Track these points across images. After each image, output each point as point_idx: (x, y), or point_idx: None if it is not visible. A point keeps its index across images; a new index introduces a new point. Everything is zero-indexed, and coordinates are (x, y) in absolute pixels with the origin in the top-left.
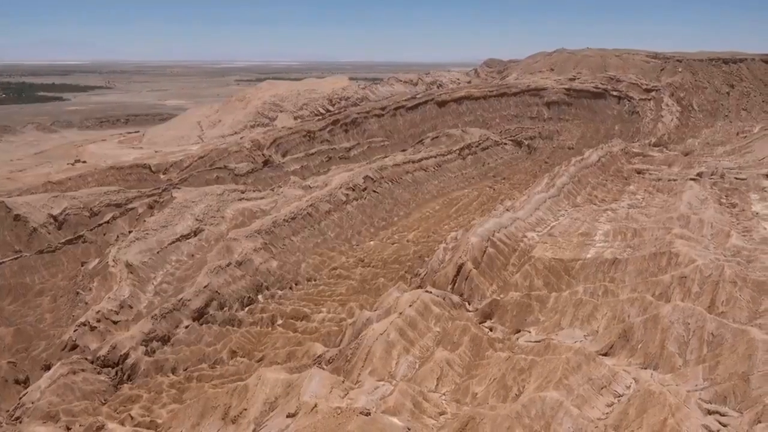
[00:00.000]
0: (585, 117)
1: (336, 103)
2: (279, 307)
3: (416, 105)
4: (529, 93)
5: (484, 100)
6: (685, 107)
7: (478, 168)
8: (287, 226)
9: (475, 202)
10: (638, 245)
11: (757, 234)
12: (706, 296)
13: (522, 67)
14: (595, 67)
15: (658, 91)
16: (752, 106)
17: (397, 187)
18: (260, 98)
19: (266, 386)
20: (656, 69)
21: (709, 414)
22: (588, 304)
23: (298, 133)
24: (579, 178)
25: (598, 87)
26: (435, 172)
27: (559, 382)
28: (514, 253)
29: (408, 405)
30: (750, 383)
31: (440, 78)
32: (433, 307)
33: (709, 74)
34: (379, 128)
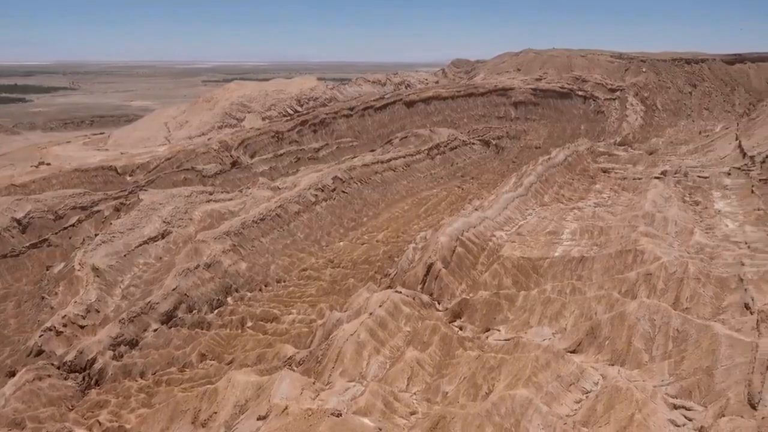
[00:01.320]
0: (551, 117)
1: (304, 104)
2: (249, 309)
3: (385, 105)
4: (497, 93)
5: (452, 100)
6: (649, 107)
7: (447, 168)
8: (256, 228)
9: (443, 201)
10: (605, 243)
11: (720, 231)
12: (671, 293)
13: (489, 68)
14: (561, 67)
15: (623, 91)
16: (714, 106)
17: (366, 188)
18: (228, 99)
19: (236, 389)
20: (621, 69)
21: (675, 409)
22: (556, 302)
23: (267, 134)
24: (546, 177)
25: (564, 87)
26: (404, 172)
27: (529, 380)
28: (483, 252)
29: (379, 405)
30: (714, 377)
31: (408, 78)
32: (403, 307)
33: (672, 74)
34: (347, 128)
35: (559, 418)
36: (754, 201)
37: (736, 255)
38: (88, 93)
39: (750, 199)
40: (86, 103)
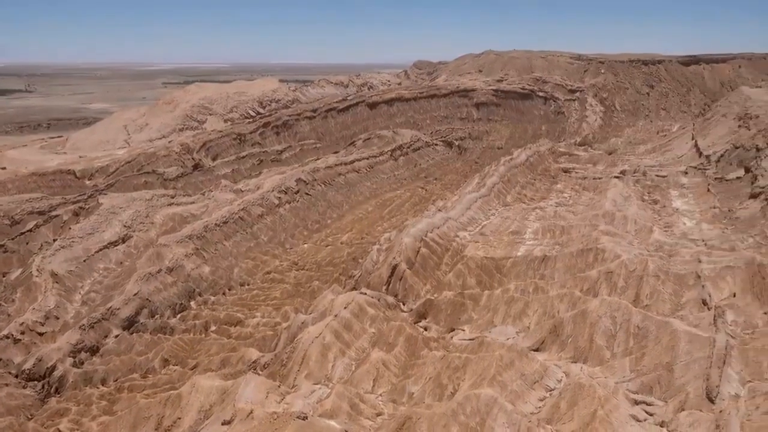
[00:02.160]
0: (513, 117)
1: (266, 106)
2: (212, 313)
3: (347, 107)
4: (459, 94)
5: (415, 101)
6: (608, 107)
7: (410, 169)
8: (219, 231)
9: (407, 202)
10: (566, 242)
11: (678, 229)
12: (631, 290)
13: (451, 69)
14: (522, 68)
15: (582, 92)
16: (671, 106)
17: (330, 190)
18: (189, 101)
19: (200, 394)
20: (580, 70)
21: (636, 404)
22: (519, 301)
23: (229, 136)
24: (508, 177)
25: (525, 88)
26: (367, 173)
27: (493, 379)
28: (447, 252)
29: (345, 407)
30: (674, 373)
31: (371, 80)
32: (368, 309)
33: (630, 75)
34: (310, 130)
35: (524, 416)
36: (710, 199)
37: (693, 252)
38: (45, 96)
39: (706, 198)
40: (43, 106)
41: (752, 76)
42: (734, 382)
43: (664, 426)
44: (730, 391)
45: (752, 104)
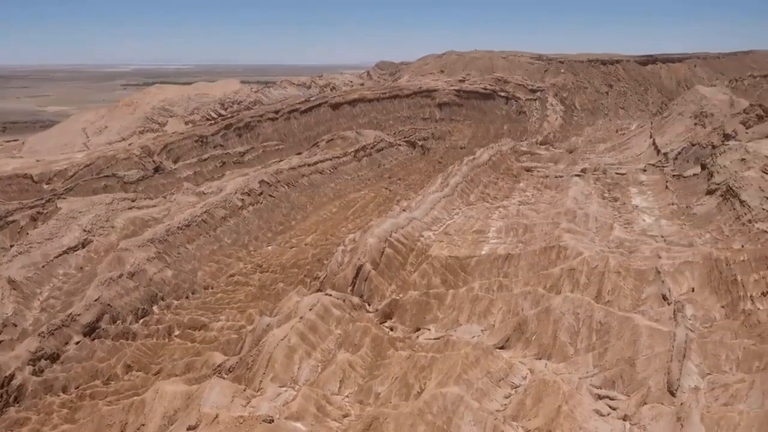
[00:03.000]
0: (475, 117)
1: (228, 107)
2: (175, 318)
3: (310, 108)
4: (421, 94)
5: (378, 102)
6: (569, 106)
7: (374, 169)
8: (181, 234)
9: (371, 203)
10: (529, 240)
11: (638, 226)
12: (593, 287)
13: (413, 69)
14: (484, 68)
15: (543, 92)
16: (629, 105)
17: (294, 191)
18: (149, 103)
19: (164, 400)
20: (540, 70)
21: (599, 399)
22: (484, 300)
23: (190, 138)
24: (471, 177)
25: (487, 88)
26: (331, 174)
27: (459, 377)
28: (412, 252)
29: (311, 409)
30: (635, 367)
31: (333, 80)
32: (333, 310)
33: (589, 75)
34: (273, 132)
35: (490, 414)
36: (668, 196)
37: (653, 248)
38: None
39: (665, 194)
40: None
41: (707, 75)
42: (694, 375)
43: (627, 420)
44: (691, 383)
45: (707, 103)
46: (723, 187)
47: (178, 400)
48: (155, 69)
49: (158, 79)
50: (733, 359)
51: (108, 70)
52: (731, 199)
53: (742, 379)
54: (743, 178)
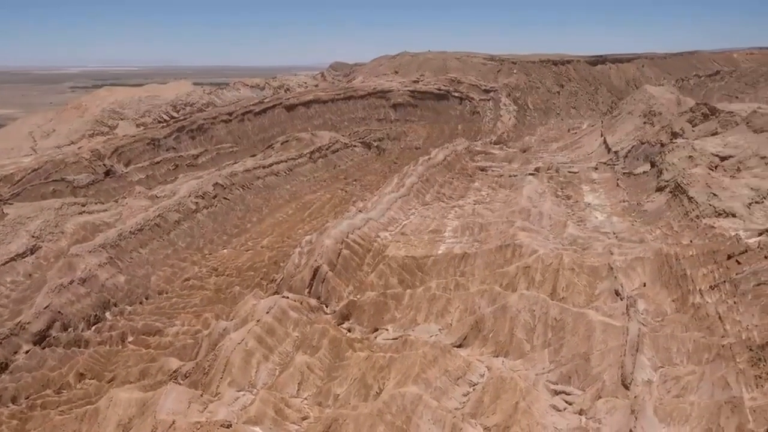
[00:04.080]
0: (430, 118)
1: (180, 109)
2: (129, 324)
3: (264, 109)
4: (376, 95)
5: (332, 103)
6: (521, 106)
7: (330, 171)
8: (134, 239)
9: (327, 204)
10: (485, 239)
11: (590, 223)
12: (548, 284)
13: (367, 70)
14: (437, 69)
15: (496, 92)
16: (580, 105)
17: (249, 193)
18: (98, 105)
19: (119, 407)
20: (493, 70)
21: (556, 394)
22: (441, 299)
23: (142, 141)
24: (427, 177)
25: (441, 89)
26: (286, 176)
27: (418, 377)
28: (369, 253)
29: (270, 413)
30: (590, 362)
31: (287, 82)
32: (290, 312)
33: (541, 75)
34: (227, 134)
35: (449, 412)
36: (619, 193)
37: (605, 245)
38: None
39: (616, 192)
40: None
41: (655, 74)
42: (647, 368)
43: (583, 414)
44: (644, 377)
45: (655, 102)
46: (672, 184)
47: (132, 407)
48: (104, 71)
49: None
50: (684, 352)
51: (54, 72)
52: (680, 196)
53: (692, 371)
54: (691, 175)
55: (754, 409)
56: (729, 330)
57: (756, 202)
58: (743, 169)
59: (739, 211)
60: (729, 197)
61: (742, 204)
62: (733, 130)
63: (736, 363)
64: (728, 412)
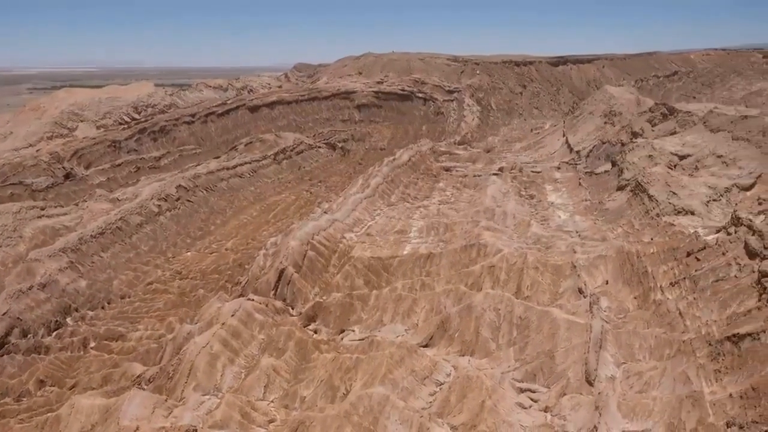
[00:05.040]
0: (394, 118)
1: (142, 111)
2: (91, 329)
3: (228, 111)
4: (340, 96)
5: (296, 104)
6: (485, 107)
7: (294, 172)
8: (95, 243)
9: (292, 206)
10: (450, 239)
11: (553, 222)
12: (512, 282)
13: (331, 71)
14: (401, 70)
15: (460, 93)
16: (542, 105)
17: (213, 195)
18: (57, 107)
19: (81, 414)
20: (457, 71)
21: (521, 392)
22: (407, 299)
23: (102, 144)
24: (392, 177)
25: (405, 89)
26: (251, 178)
27: (385, 377)
28: (334, 254)
29: (236, 417)
30: (555, 359)
31: (251, 83)
32: (256, 315)
33: (503, 76)
34: (189, 135)
35: (416, 412)
36: (581, 192)
37: (568, 243)
38: None
39: (578, 191)
40: None
41: (614, 75)
42: (610, 364)
43: (548, 411)
44: (607, 373)
45: (615, 102)
46: (632, 182)
47: (95, 414)
48: (62, 72)
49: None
50: (646, 348)
51: (11, 74)
52: (640, 194)
53: (654, 367)
54: (651, 174)
55: (714, 402)
56: (689, 326)
57: (713, 200)
58: (701, 167)
59: (698, 209)
60: (688, 195)
61: (700, 202)
62: (691, 130)
63: (696, 358)
64: (689, 406)
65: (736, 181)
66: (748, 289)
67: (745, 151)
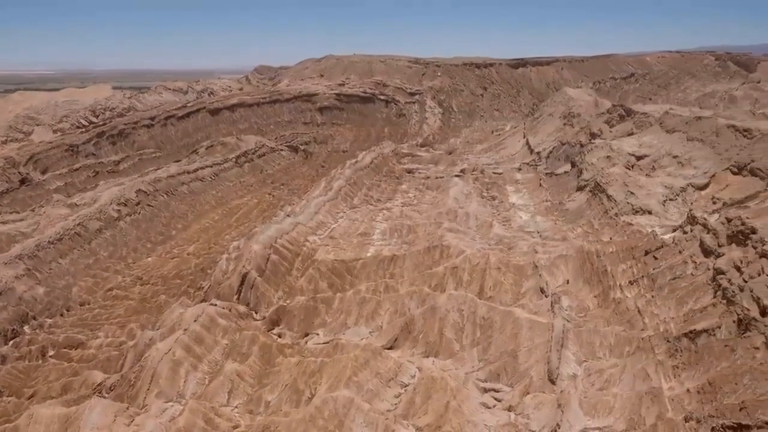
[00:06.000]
0: (356, 121)
1: (100, 114)
2: (49, 337)
3: (188, 114)
4: (302, 99)
5: (258, 107)
6: (446, 109)
7: (256, 175)
8: (53, 249)
9: (255, 209)
10: (413, 241)
11: (515, 223)
12: (475, 283)
13: (293, 74)
14: (363, 72)
15: (421, 95)
16: (503, 107)
17: (173, 200)
18: (11, 111)
19: (40, 424)
20: (418, 74)
21: (485, 392)
22: (371, 301)
23: (59, 148)
24: (354, 180)
25: (367, 92)
26: (212, 181)
27: (349, 380)
28: (298, 257)
29: (199, 423)
30: (518, 359)
31: (211, 86)
32: (219, 320)
33: (464, 78)
34: (149, 139)
35: (381, 414)
36: (542, 193)
37: (530, 244)
38: None
39: (539, 192)
40: None
41: (573, 77)
42: (572, 363)
43: (512, 410)
44: (569, 371)
45: (574, 104)
46: (591, 183)
47: (55, 424)
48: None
49: (20, 85)
50: (606, 345)
51: None
52: (599, 195)
53: (614, 364)
54: (609, 175)
55: (672, 398)
56: (648, 323)
57: (670, 200)
58: (657, 167)
59: (655, 208)
60: (645, 195)
61: (657, 201)
62: (648, 131)
63: (655, 355)
64: (649, 402)
65: (691, 180)
66: (704, 287)
67: (700, 151)
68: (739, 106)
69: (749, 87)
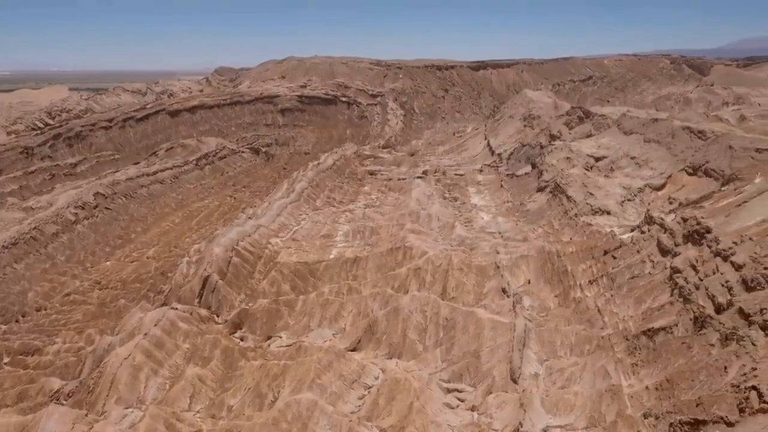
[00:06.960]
0: (318, 123)
1: (56, 116)
2: (4, 344)
3: (147, 115)
4: (263, 101)
5: (219, 108)
6: (408, 110)
7: (217, 177)
8: (8, 254)
9: (216, 212)
10: (376, 242)
11: (477, 224)
12: (438, 284)
13: (254, 75)
14: (325, 74)
15: (383, 96)
16: (464, 109)
17: (132, 202)
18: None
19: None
20: (380, 75)
21: (449, 392)
22: (334, 303)
23: (14, 150)
24: (317, 182)
25: (329, 93)
26: (172, 184)
27: (313, 383)
28: (260, 260)
29: (161, 429)
30: (480, 359)
31: (171, 87)
32: (180, 324)
33: (426, 80)
34: (107, 141)
35: (345, 416)
36: (503, 194)
37: (492, 244)
38: None
39: (500, 193)
40: None
41: (533, 79)
42: (533, 362)
43: (475, 410)
44: (531, 370)
45: (534, 105)
46: (551, 184)
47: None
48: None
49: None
50: (567, 344)
51: None
52: (559, 195)
53: (575, 363)
54: (569, 176)
55: (632, 395)
56: (607, 322)
57: (628, 200)
58: (616, 168)
59: (613, 208)
60: (604, 196)
61: (615, 202)
62: (606, 132)
63: (615, 353)
64: (609, 399)
65: (648, 181)
66: (661, 285)
67: (656, 152)
68: (693, 108)
69: (703, 90)
